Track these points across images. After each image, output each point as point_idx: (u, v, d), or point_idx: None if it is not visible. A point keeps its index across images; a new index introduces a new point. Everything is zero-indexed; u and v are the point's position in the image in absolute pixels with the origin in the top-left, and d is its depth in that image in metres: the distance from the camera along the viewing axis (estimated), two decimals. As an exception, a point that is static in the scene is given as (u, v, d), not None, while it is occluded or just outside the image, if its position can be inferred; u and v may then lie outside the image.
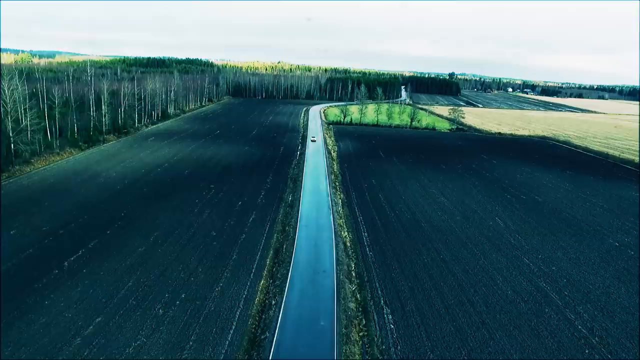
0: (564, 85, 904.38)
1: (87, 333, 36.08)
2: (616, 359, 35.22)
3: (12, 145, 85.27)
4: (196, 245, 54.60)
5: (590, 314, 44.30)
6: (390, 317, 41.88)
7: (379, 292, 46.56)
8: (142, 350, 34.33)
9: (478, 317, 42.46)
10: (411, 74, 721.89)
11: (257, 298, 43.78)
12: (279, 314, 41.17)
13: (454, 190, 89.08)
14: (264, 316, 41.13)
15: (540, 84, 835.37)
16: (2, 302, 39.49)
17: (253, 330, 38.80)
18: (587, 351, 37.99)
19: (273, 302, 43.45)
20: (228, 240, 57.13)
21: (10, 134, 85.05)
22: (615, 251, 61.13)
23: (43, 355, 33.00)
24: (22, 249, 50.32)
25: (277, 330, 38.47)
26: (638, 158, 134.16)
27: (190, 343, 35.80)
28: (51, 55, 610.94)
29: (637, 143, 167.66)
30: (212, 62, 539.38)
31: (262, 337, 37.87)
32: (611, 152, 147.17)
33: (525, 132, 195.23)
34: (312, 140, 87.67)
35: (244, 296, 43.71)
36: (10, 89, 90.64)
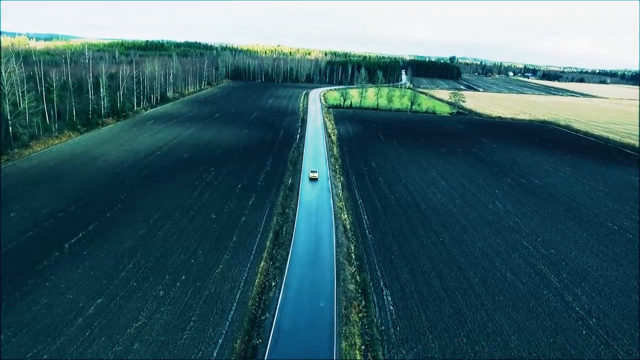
0: (565, 70, 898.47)
1: (88, 314, 36.32)
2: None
3: (11, 128, 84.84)
4: (196, 228, 54.69)
5: (588, 296, 44.59)
6: (389, 298, 42.14)
7: (379, 274, 46.79)
8: (143, 331, 34.59)
9: (477, 298, 42.73)
10: (412, 57, 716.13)
11: (257, 279, 44.00)
12: (279, 295, 41.43)
13: (454, 173, 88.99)
14: (264, 297, 41.38)
15: (542, 69, 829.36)
16: (3, 284, 39.68)
17: (253, 311, 39.07)
18: (584, 332, 38.31)
19: (273, 283, 43.67)
20: (228, 222, 57.21)
21: (9, 117, 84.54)
22: (614, 234, 61.30)
23: (45, 335, 33.25)
24: (22, 231, 50.39)
25: (277, 311, 38.75)
26: (638, 143, 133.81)
27: (191, 324, 36.06)
28: (48, 38, 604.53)
29: (638, 128, 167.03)
30: (211, 45, 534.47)
31: (262, 317, 38.14)
32: (612, 136, 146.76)
33: (526, 117, 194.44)
34: (311, 178, 74.76)
35: (244, 278, 43.92)
36: (8, 71, 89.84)
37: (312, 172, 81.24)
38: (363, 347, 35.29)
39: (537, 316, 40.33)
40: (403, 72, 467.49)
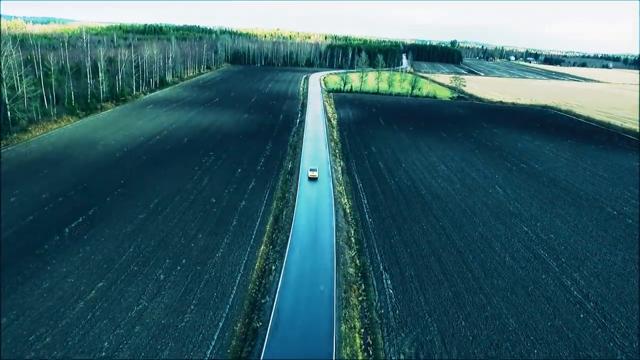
0: (567, 54, 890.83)
1: (89, 297, 36.56)
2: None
3: (9, 113, 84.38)
4: (196, 212, 54.77)
5: (587, 280, 44.84)
6: (389, 282, 42.38)
7: (378, 258, 46.99)
8: (144, 314, 34.86)
9: (476, 282, 42.99)
10: (413, 41, 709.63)
11: (257, 263, 44.21)
12: (279, 279, 41.66)
13: (454, 158, 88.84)
14: (264, 281, 41.61)
15: (544, 53, 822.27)
16: (4, 268, 39.87)
17: (253, 294, 39.33)
18: (581, 315, 38.62)
19: (273, 267, 43.88)
20: (228, 207, 57.28)
21: (6, 101, 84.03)
22: (614, 220, 61.42)
23: (47, 319, 33.51)
24: (22, 216, 50.47)
25: (277, 295, 38.99)
26: (639, 128, 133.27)
27: (192, 307, 36.32)
28: (45, 21, 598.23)
29: (638, 113, 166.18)
30: (210, 29, 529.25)
31: (263, 301, 38.41)
32: (613, 121, 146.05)
33: (527, 101, 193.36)
34: (310, 178, 68.29)
35: (244, 262, 44.12)
36: (5, 55, 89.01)
37: (311, 170, 72.15)
38: (362, 330, 35.61)
39: (536, 300, 40.61)
40: (404, 56, 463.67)
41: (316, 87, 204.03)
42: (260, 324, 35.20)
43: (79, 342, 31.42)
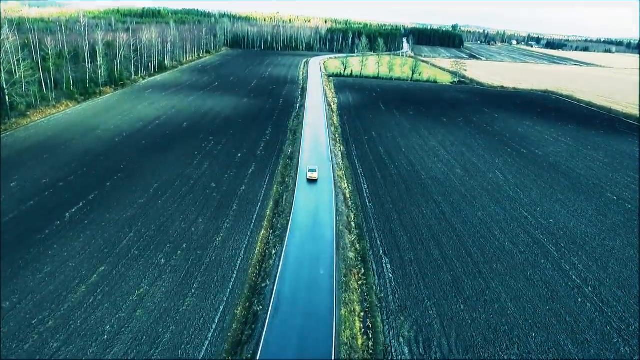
0: (570, 38, 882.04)
1: (91, 281, 36.79)
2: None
3: (7, 97, 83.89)
4: (196, 197, 54.83)
5: (585, 264, 45.07)
6: (389, 266, 42.61)
7: (378, 242, 47.17)
8: (145, 298, 35.12)
9: (475, 267, 43.22)
10: (414, 25, 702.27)
11: (258, 248, 44.40)
12: (279, 263, 41.87)
13: (455, 143, 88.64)
14: (264, 265, 41.84)
15: (546, 37, 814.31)
16: (5, 253, 40.04)
17: (254, 278, 39.57)
18: (579, 300, 38.91)
19: (273, 251, 44.08)
20: (228, 191, 57.32)
21: (4, 86, 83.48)
22: (613, 205, 61.51)
23: (50, 302, 33.77)
24: (22, 201, 50.53)
25: (277, 279, 39.24)
26: (638, 112, 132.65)
27: (193, 291, 36.58)
28: (42, 5, 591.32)
29: (638, 97, 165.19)
30: (209, 13, 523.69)
31: (263, 285, 38.66)
32: (615, 107, 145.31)
33: (528, 86, 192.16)
34: (308, 179, 64.40)
35: (244, 246, 44.30)
36: (1, 39, 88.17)
37: (310, 171, 64.13)
38: (362, 314, 35.92)
39: (534, 284, 40.87)
40: (404, 40, 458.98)
41: (316, 71, 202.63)
42: (261, 307, 35.49)
43: (81, 325, 31.72)
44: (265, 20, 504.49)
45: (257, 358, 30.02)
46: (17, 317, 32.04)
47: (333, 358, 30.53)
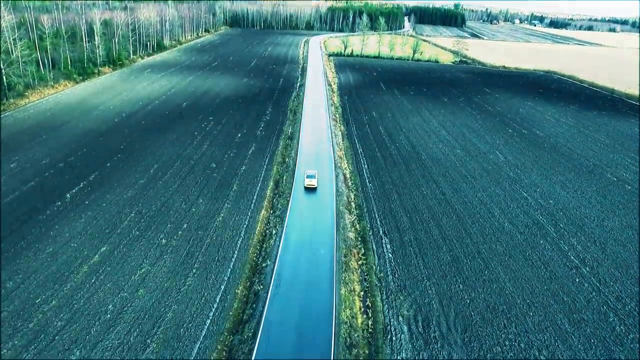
0: (574, 17, 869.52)
1: (93, 262, 37.10)
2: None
3: (5, 77, 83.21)
4: (196, 177, 54.87)
5: (584, 245, 45.35)
6: (388, 246, 42.89)
7: (378, 222, 47.38)
8: (147, 278, 35.46)
9: (474, 247, 43.50)
10: (415, 4, 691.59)
11: (258, 228, 44.62)
12: (280, 243, 42.15)
13: (455, 123, 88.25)
14: (264, 245, 42.12)
15: (549, 16, 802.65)
16: (6, 233, 40.27)
17: (254, 258, 39.88)
18: (577, 280, 39.27)
19: (274, 231, 44.31)
20: (228, 171, 57.34)
21: (2, 66, 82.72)
22: (613, 186, 61.54)
23: (53, 282, 34.12)
24: (23, 181, 50.59)
25: (277, 259, 39.55)
26: (639, 92, 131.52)
27: (194, 271, 36.90)
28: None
29: (638, 76, 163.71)
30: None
31: (264, 265, 38.99)
32: (617, 87, 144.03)
33: (531, 66, 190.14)
34: (306, 187, 59.93)
35: (244, 226, 44.52)
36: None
37: (308, 177, 55.11)
38: (362, 293, 36.30)
39: (533, 264, 41.20)
40: (406, 19, 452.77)
41: (316, 50, 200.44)
42: (261, 287, 35.86)
43: (84, 304, 32.11)
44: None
45: (259, 336, 30.46)
46: (20, 297, 32.41)
47: (333, 337, 30.97)
